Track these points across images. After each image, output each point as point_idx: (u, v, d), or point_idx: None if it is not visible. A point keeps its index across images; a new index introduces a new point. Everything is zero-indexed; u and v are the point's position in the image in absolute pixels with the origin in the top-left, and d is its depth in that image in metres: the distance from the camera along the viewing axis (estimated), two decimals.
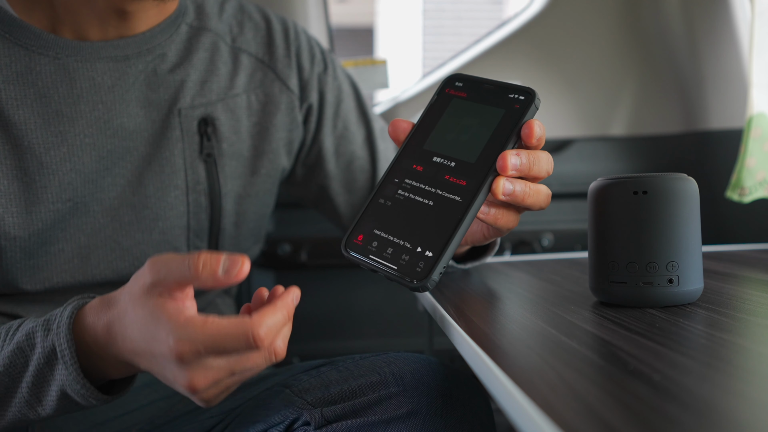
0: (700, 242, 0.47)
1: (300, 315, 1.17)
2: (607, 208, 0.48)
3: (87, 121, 0.62)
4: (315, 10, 1.19)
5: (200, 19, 0.70)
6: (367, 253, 0.46)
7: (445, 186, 0.48)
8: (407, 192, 0.48)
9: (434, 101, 0.53)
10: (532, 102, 0.49)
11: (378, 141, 0.80)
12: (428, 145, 0.50)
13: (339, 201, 0.79)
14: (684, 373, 0.32)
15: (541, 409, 0.28)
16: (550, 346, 0.38)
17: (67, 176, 0.61)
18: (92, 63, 0.62)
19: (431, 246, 0.45)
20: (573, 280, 0.61)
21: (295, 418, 0.53)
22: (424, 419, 0.49)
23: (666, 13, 1.18)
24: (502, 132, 0.48)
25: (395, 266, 0.45)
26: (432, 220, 0.46)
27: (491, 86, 0.52)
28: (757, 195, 0.96)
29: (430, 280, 0.44)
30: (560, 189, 1.18)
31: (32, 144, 0.60)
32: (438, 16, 6.80)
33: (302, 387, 0.55)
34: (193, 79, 0.67)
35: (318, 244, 1.14)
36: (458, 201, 0.46)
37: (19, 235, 0.59)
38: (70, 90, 0.61)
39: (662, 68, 1.20)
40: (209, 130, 0.68)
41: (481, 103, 0.51)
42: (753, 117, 0.95)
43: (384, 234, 0.47)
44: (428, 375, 0.52)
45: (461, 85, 0.53)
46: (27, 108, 0.60)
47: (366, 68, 1.17)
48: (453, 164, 0.48)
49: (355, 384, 0.52)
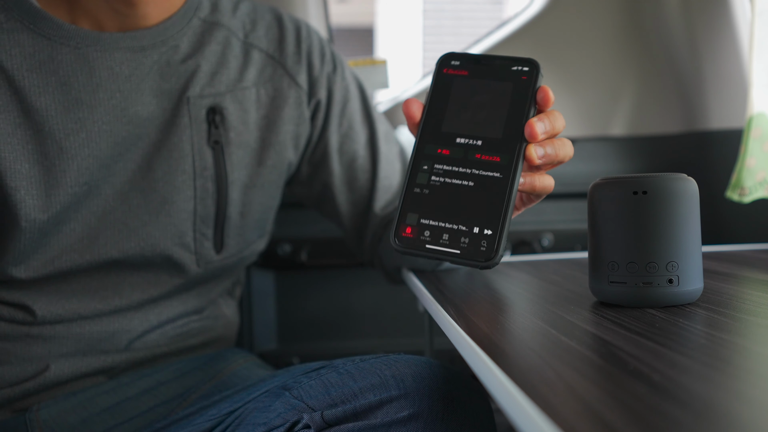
0: (699, 242, 0.47)
1: (300, 315, 1.17)
2: (607, 208, 0.48)
3: (105, 109, 0.64)
4: (315, 10, 1.19)
5: (214, 15, 0.73)
6: (422, 244, 0.47)
7: (479, 165, 0.48)
8: (442, 177, 0.49)
9: (435, 83, 0.53)
10: (538, 71, 0.51)
11: (381, 143, 0.81)
12: (446, 127, 0.51)
13: (340, 200, 0.80)
14: (684, 373, 0.32)
15: (541, 409, 0.28)
16: (550, 346, 0.38)
17: (85, 161, 0.64)
18: (111, 53, 0.65)
19: (487, 224, 0.46)
20: (573, 280, 0.61)
21: (295, 420, 0.53)
22: (425, 423, 0.49)
23: (666, 13, 1.18)
24: (518, 103, 0.50)
25: (458, 251, 0.46)
26: (477, 199, 0.47)
27: (491, 61, 0.53)
28: (757, 195, 0.96)
29: (498, 256, 0.45)
30: (560, 189, 1.17)
31: (53, 130, 0.62)
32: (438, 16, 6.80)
33: (302, 390, 0.55)
34: (204, 70, 0.70)
35: (318, 244, 1.14)
36: (498, 177, 0.47)
37: (39, 217, 0.62)
38: (90, 78, 0.64)
39: (662, 68, 1.20)
40: (217, 119, 0.70)
41: (486, 79, 0.52)
42: (753, 117, 0.95)
43: (433, 222, 0.47)
44: (429, 378, 0.52)
45: (458, 64, 0.53)
46: (48, 95, 0.62)
47: (366, 68, 1.17)
48: (479, 143, 0.49)
49: (355, 387, 0.52)
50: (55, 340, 0.67)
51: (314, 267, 1.15)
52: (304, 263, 1.13)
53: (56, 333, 0.67)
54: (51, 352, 0.67)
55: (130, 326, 0.70)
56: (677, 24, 1.17)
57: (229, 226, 0.73)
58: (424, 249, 0.46)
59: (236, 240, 0.74)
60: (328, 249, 1.14)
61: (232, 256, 0.75)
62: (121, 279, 0.69)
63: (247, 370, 0.74)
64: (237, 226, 0.73)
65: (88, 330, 0.68)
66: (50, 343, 0.67)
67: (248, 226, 0.75)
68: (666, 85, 1.20)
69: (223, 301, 0.81)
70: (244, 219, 0.74)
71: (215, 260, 0.73)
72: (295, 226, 1.15)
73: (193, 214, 0.70)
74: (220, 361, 0.75)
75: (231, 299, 0.84)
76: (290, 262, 1.14)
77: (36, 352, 0.66)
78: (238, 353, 0.78)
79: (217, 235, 0.72)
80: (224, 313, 0.81)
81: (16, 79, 0.62)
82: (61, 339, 0.67)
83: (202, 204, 0.70)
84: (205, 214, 0.70)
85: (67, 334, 0.67)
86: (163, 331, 0.72)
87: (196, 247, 0.71)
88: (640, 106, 1.21)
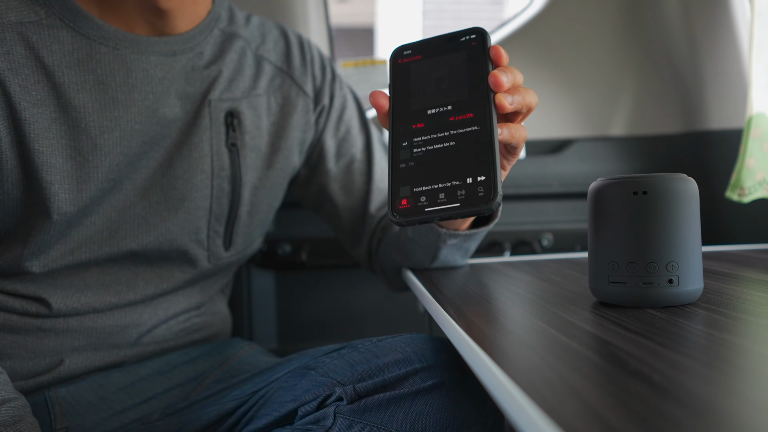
0: (699, 242, 0.47)
1: (300, 315, 1.17)
2: (607, 208, 0.48)
3: (138, 109, 0.67)
4: (315, 10, 1.19)
5: (231, 26, 0.77)
6: (420, 209, 0.47)
7: (455, 125, 0.50)
8: (422, 147, 0.50)
9: (394, 74, 0.55)
10: (485, 35, 0.53)
11: (375, 150, 0.85)
12: (415, 105, 0.52)
13: (337, 201, 0.83)
14: (684, 373, 0.32)
15: (541, 409, 0.28)
16: (550, 346, 0.38)
17: (116, 159, 0.66)
18: (147, 56, 0.67)
19: (479, 171, 0.47)
20: (573, 280, 0.61)
21: (327, 395, 0.55)
22: (448, 390, 0.54)
23: (666, 13, 1.18)
24: (476, 65, 0.52)
25: (457, 203, 0.46)
26: (462, 154, 0.48)
27: (439, 40, 0.55)
28: (756, 195, 0.96)
29: (498, 198, 0.45)
30: (560, 189, 1.18)
31: (89, 126, 0.64)
32: (438, 16, 6.80)
33: (327, 368, 0.59)
34: (224, 76, 0.73)
35: (318, 244, 1.14)
36: (476, 129, 0.49)
37: (69, 210, 0.64)
38: (126, 79, 0.66)
39: (662, 68, 1.20)
40: (235, 122, 0.73)
41: (439, 55, 0.54)
42: (753, 117, 0.95)
43: (426, 187, 0.48)
44: (446, 352, 0.56)
45: (410, 52, 0.56)
46: (86, 93, 0.64)
47: (366, 68, 1.17)
48: (449, 107, 0.51)
49: (380, 362, 0.56)
50: (68, 333, 0.68)
51: (314, 267, 1.15)
52: (304, 263, 1.13)
53: (69, 326, 0.68)
54: (63, 346, 0.68)
55: (141, 320, 0.72)
56: (677, 24, 1.17)
57: (239, 224, 0.76)
58: (423, 213, 0.47)
59: (243, 238, 0.78)
60: (328, 249, 1.14)
61: (238, 254, 0.78)
62: (135, 273, 0.71)
63: (253, 357, 0.77)
64: (245, 225, 0.77)
65: (100, 324, 0.70)
66: (62, 336, 0.68)
67: (254, 225, 0.78)
68: (666, 86, 1.20)
69: (218, 298, 0.85)
70: (252, 218, 0.77)
71: (224, 257, 0.77)
72: (295, 226, 1.15)
73: (208, 212, 0.73)
74: (227, 348, 0.78)
75: (223, 296, 0.88)
76: (290, 262, 1.14)
77: (48, 346, 0.68)
78: (241, 342, 0.81)
79: (227, 233, 0.76)
80: (219, 309, 0.84)
81: (56, 75, 0.63)
82: (73, 332, 0.68)
83: (218, 203, 0.73)
84: (220, 212, 0.74)
85: (79, 328, 0.68)
86: (169, 326, 0.75)
87: (209, 243, 0.74)
88: (640, 106, 1.21)
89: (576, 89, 1.21)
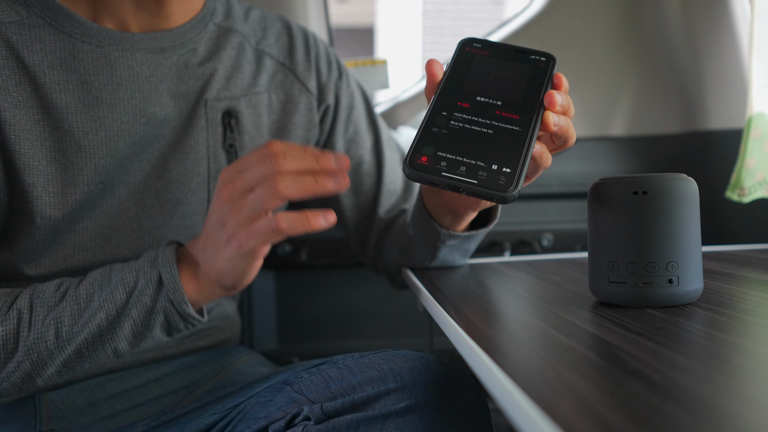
0: (699, 242, 0.47)
1: (300, 315, 1.17)
2: (607, 208, 0.48)
3: (124, 108, 0.65)
4: (315, 10, 1.19)
5: (228, 21, 0.74)
6: (438, 171, 0.47)
7: (499, 119, 0.50)
8: (461, 122, 0.50)
9: (457, 57, 0.56)
10: (555, 62, 0.55)
11: (385, 149, 0.83)
12: (467, 88, 0.53)
13: (345, 204, 0.82)
14: (684, 373, 0.32)
15: (541, 409, 0.28)
16: (550, 346, 0.38)
17: (102, 160, 0.64)
18: (132, 53, 0.65)
19: (506, 163, 0.47)
20: (573, 280, 0.61)
21: (295, 413, 0.53)
22: (422, 414, 0.50)
23: (666, 13, 1.18)
24: (536, 81, 0.53)
25: (475, 180, 0.46)
26: (496, 145, 0.48)
27: (510, 48, 0.56)
28: (756, 195, 0.96)
29: (516, 191, 0.45)
30: (560, 189, 1.18)
31: (72, 127, 0.62)
32: (438, 16, 6.80)
33: (303, 384, 0.56)
34: (221, 73, 0.71)
35: (318, 244, 1.14)
36: (518, 129, 0.49)
37: (54, 214, 0.62)
38: (111, 77, 0.64)
39: (662, 68, 1.20)
40: (232, 123, 0.71)
41: (506, 60, 0.55)
42: (753, 117, 0.95)
43: (451, 155, 0.47)
44: (426, 371, 0.53)
45: (480, 46, 0.56)
46: (69, 93, 0.62)
47: (366, 68, 1.17)
48: (499, 103, 0.51)
49: (354, 380, 0.53)
50: None
51: (314, 267, 1.15)
52: (304, 263, 1.13)
53: None
54: None
55: None
56: (677, 24, 1.17)
57: None
58: (439, 175, 0.46)
59: None
60: (328, 249, 1.14)
61: None
62: None
63: (250, 367, 0.75)
64: None
65: None
66: None
67: None
68: (666, 86, 1.20)
69: (226, 302, 0.82)
70: None
71: None
72: None
73: (205, 216, 0.69)
74: (224, 357, 0.76)
75: (232, 300, 0.85)
76: (290, 262, 1.14)
77: None
78: (242, 351, 0.79)
79: None
80: (228, 313, 0.82)
81: (38, 75, 0.61)
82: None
83: None
84: None
85: None
86: None
87: None
88: (640, 106, 1.21)
89: (576, 89, 1.21)
